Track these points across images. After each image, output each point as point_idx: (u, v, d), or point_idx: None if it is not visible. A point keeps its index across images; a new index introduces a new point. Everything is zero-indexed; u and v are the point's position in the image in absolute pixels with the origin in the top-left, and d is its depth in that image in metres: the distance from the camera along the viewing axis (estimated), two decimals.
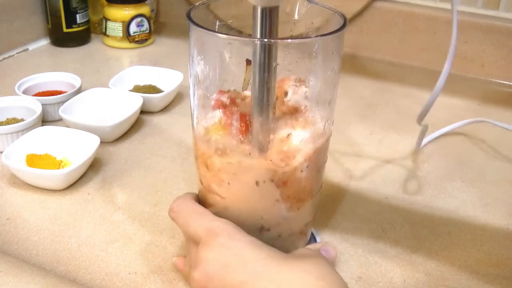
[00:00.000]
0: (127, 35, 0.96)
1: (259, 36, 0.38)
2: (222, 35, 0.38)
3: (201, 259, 0.39)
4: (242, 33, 0.40)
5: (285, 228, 0.43)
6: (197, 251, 0.40)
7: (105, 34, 0.98)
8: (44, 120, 0.70)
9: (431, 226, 0.54)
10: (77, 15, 0.94)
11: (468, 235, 0.53)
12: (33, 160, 0.59)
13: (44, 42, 0.98)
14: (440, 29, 0.89)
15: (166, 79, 0.79)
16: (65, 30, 0.95)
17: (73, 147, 0.61)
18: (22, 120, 0.65)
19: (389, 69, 0.93)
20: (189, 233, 0.41)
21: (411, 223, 0.55)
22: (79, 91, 0.73)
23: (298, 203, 0.42)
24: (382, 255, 0.50)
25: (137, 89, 0.76)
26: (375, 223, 0.55)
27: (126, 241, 0.51)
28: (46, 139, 0.62)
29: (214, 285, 0.38)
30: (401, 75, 0.90)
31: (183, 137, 0.69)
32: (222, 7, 0.39)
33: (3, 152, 0.58)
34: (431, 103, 0.53)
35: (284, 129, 0.40)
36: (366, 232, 0.53)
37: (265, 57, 0.38)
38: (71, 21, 0.94)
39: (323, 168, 0.44)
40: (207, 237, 0.39)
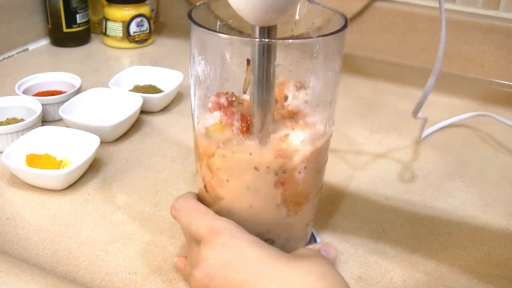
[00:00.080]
0: (127, 35, 0.96)
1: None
2: (224, 35, 0.38)
3: (202, 258, 0.39)
4: (242, 33, 0.40)
5: (285, 229, 0.43)
6: (198, 250, 0.40)
7: (105, 34, 0.98)
8: (44, 120, 0.70)
9: (431, 226, 0.54)
10: (77, 15, 0.94)
11: (468, 235, 0.54)
12: (33, 160, 0.59)
13: (44, 42, 0.98)
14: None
15: (166, 79, 0.79)
16: (65, 30, 0.95)
17: (73, 147, 0.61)
18: (22, 120, 0.65)
19: (389, 69, 0.93)
20: (191, 231, 0.41)
21: (411, 223, 0.55)
22: (79, 91, 0.73)
23: (296, 206, 0.42)
24: (382, 255, 0.50)
25: (137, 89, 0.76)
26: (375, 223, 0.55)
27: (126, 241, 0.51)
28: (46, 139, 0.62)
29: (215, 284, 0.38)
30: (401, 75, 0.90)
31: (183, 137, 0.69)
32: (223, 7, 0.39)
33: (3, 152, 0.58)
34: (427, 93, 0.53)
35: (283, 129, 0.40)
36: (366, 232, 0.53)
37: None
38: (71, 21, 0.94)
39: (323, 169, 0.44)
40: (209, 236, 0.39)
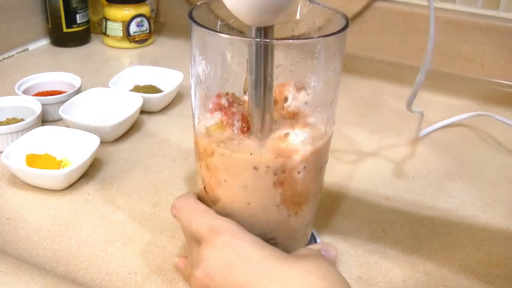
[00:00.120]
0: (127, 35, 0.96)
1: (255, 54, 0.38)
2: (225, 35, 0.38)
3: (203, 257, 0.39)
4: (243, 33, 0.40)
5: (285, 229, 0.43)
6: (199, 249, 0.40)
7: (105, 34, 0.98)
8: (44, 120, 0.70)
9: (431, 226, 0.54)
10: (77, 15, 0.94)
11: (468, 235, 0.54)
12: (33, 160, 0.59)
13: (44, 42, 0.97)
14: (440, 29, 0.89)
15: (166, 79, 0.79)
16: (65, 30, 0.94)
17: (73, 147, 0.61)
18: (22, 120, 0.65)
19: (389, 69, 0.93)
20: (191, 231, 0.41)
21: (411, 223, 0.55)
22: (79, 91, 0.73)
23: (295, 206, 0.42)
24: (382, 255, 0.50)
25: (137, 89, 0.76)
26: (375, 223, 0.55)
27: (126, 241, 0.51)
28: (46, 139, 0.62)
29: (215, 284, 0.38)
30: (401, 75, 0.90)
31: (183, 137, 0.69)
32: (223, 7, 0.39)
33: (3, 152, 0.58)
34: (418, 84, 0.53)
35: (283, 129, 0.40)
36: (366, 232, 0.53)
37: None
38: (71, 21, 0.94)
39: (323, 169, 0.44)
40: (210, 235, 0.39)
